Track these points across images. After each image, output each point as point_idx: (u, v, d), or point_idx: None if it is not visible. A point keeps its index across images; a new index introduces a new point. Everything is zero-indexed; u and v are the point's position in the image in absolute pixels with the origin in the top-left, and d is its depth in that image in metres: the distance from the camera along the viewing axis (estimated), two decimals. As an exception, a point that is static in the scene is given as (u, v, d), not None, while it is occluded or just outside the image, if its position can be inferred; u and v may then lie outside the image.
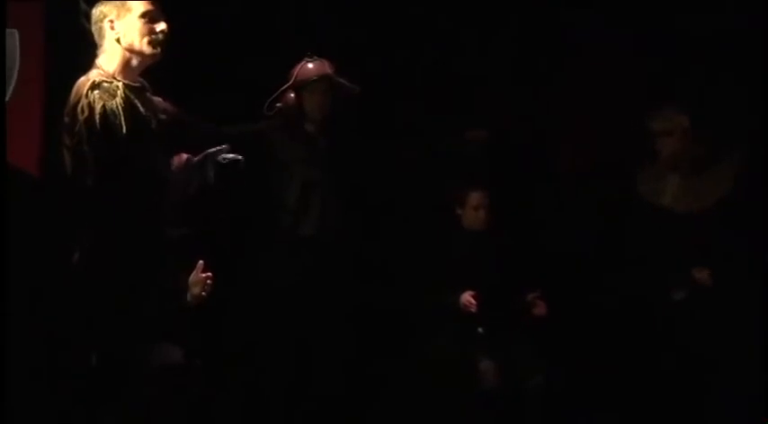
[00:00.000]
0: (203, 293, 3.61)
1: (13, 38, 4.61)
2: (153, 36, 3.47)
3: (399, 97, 5.22)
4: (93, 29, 3.50)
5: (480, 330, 4.75)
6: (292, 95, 4.69)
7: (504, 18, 5.34)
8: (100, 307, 3.39)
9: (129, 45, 3.46)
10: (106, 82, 3.37)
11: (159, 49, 3.49)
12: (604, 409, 4.80)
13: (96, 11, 3.49)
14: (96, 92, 3.33)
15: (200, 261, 3.61)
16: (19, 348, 4.14)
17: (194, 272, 3.60)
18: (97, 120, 3.30)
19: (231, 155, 3.55)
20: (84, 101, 3.31)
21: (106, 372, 3.42)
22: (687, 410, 4.52)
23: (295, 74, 4.68)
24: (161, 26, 3.48)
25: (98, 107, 3.30)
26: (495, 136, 5.26)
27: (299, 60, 4.71)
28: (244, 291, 4.70)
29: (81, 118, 3.31)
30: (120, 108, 3.33)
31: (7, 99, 4.62)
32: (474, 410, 4.65)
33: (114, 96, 3.34)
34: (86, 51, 3.55)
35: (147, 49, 3.47)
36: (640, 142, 4.78)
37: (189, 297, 3.60)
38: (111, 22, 3.46)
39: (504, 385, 4.68)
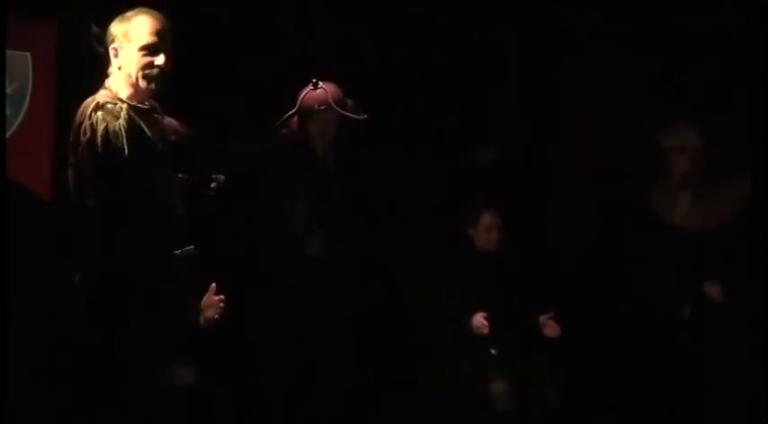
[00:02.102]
0: (216, 315, 3.60)
1: (26, 61, 4.63)
2: (148, 71, 3.42)
3: (400, 100, 5.21)
4: (109, 48, 3.48)
5: (493, 351, 4.73)
6: (296, 120, 4.69)
7: (508, 25, 5.34)
8: (101, 326, 3.38)
9: (128, 75, 3.44)
10: (110, 103, 3.36)
11: (154, 85, 3.45)
12: (605, 410, 4.81)
13: (109, 33, 3.47)
14: (100, 113, 3.32)
15: (213, 284, 3.60)
16: (20, 354, 4.17)
17: (207, 295, 3.59)
18: (99, 141, 3.29)
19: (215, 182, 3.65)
20: (86, 122, 3.31)
21: (109, 382, 3.41)
22: (688, 410, 4.51)
23: (299, 100, 4.67)
24: (159, 60, 3.42)
25: (100, 128, 3.29)
26: (502, 147, 5.27)
27: (304, 85, 4.70)
28: (253, 311, 4.69)
29: (83, 138, 3.31)
30: (122, 129, 3.31)
31: (19, 121, 4.65)
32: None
33: (117, 118, 3.33)
34: (98, 74, 3.55)
35: (141, 83, 3.44)
36: (649, 153, 4.77)
37: (202, 320, 3.59)
38: (115, 49, 3.45)
39: (516, 406, 4.65)
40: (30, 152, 4.63)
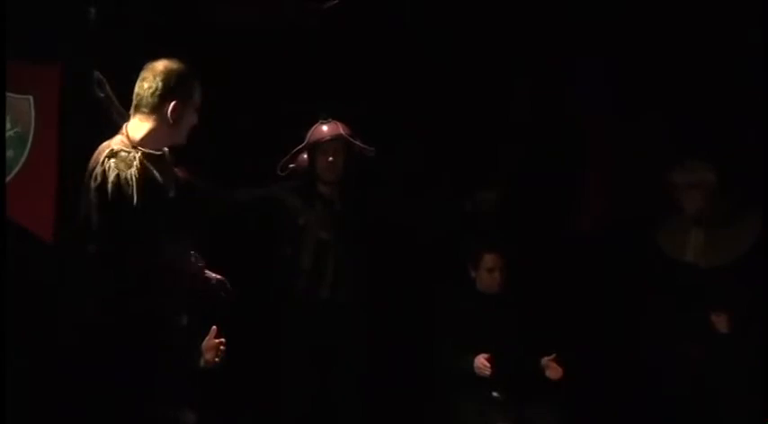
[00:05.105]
0: (216, 358, 3.59)
1: (28, 104, 4.66)
2: (190, 130, 3.46)
3: (405, 142, 5.23)
4: (154, 87, 3.36)
5: (495, 394, 4.71)
6: (305, 156, 4.72)
7: (516, 74, 5.38)
8: (103, 369, 3.36)
9: (177, 130, 3.40)
10: (125, 150, 3.31)
11: None
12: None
13: (177, 81, 3.38)
14: (113, 160, 3.28)
15: (214, 327, 3.59)
16: (19, 394, 4.16)
17: (207, 337, 3.58)
18: (109, 189, 3.24)
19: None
20: (98, 169, 3.27)
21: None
22: (688, 411, 4.49)
23: (309, 135, 4.71)
24: (195, 120, 3.47)
25: (111, 176, 3.25)
26: (505, 189, 5.29)
27: (313, 122, 4.74)
28: (262, 353, 4.69)
29: (93, 184, 3.28)
30: (134, 178, 3.27)
31: (22, 163, 4.67)
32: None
33: (130, 166, 3.28)
34: (100, 119, 3.55)
35: (182, 140, 3.44)
36: (659, 195, 4.77)
37: (202, 362, 3.58)
38: (184, 103, 3.39)
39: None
40: (32, 193, 4.65)
